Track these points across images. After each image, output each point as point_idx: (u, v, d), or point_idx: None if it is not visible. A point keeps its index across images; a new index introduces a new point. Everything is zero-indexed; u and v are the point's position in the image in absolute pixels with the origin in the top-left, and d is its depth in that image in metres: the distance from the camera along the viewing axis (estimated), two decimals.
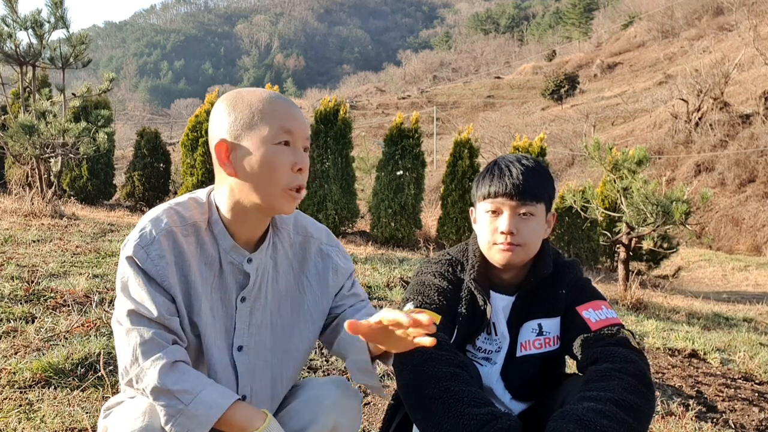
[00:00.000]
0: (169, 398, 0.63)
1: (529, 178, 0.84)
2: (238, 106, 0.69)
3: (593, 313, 0.84)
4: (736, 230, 12.17)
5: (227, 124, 0.69)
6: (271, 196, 0.68)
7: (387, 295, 2.58)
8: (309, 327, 0.77)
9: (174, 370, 0.64)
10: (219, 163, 0.69)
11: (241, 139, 0.68)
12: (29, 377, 1.29)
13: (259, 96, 0.70)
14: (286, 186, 0.68)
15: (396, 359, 0.79)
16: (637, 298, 3.42)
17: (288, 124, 0.68)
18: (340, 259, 0.80)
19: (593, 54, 36.67)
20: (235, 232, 0.72)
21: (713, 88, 15.82)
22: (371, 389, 0.73)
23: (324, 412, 0.71)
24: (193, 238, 0.70)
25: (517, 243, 0.84)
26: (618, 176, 3.74)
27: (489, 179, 0.87)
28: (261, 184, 0.68)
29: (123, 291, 0.67)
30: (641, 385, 0.75)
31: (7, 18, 3.91)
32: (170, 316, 0.67)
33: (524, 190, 0.84)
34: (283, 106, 0.70)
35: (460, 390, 0.72)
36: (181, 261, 0.69)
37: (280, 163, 0.68)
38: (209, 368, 0.70)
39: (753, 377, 1.98)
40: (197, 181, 5.90)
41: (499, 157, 0.90)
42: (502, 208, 0.84)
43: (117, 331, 0.67)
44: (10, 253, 2.49)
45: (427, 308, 0.83)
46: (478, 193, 0.89)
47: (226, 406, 0.64)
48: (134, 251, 0.67)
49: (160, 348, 0.65)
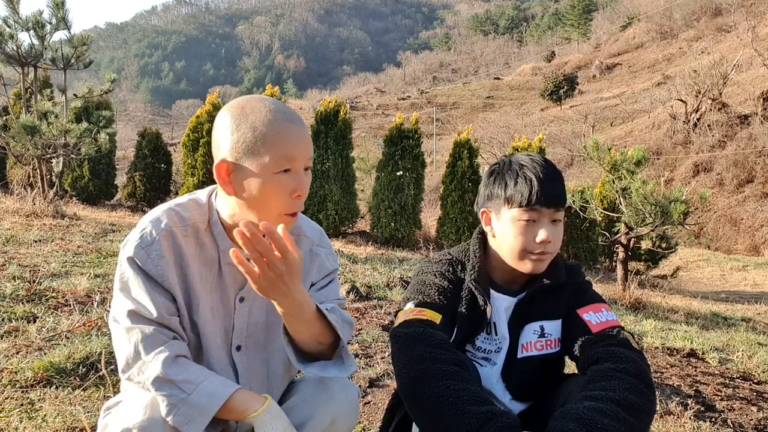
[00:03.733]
0: (171, 388, 0.63)
1: (557, 182, 0.83)
2: (242, 126, 0.67)
3: (594, 316, 0.85)
4: (735, 230, 12.19)
5: (229, 144, 0.67)
6: (266, 219, 0.68)
7: (387, 295, 2.58)
8: None
9: (176, 363, 0.65)
10: (220, 183, 0.69)
11: (243, 162, 0.67)
12: (31, 377, 1.29)
13: (264, 118, 0.67)
14: (282, 211, 0.68)
15: (395, 359, 0.80)
16: (635, 298, 3.43)
17: (291, 152, 0.67)
18: (327, 259, 0.80)
19: (592, 55, 36.73)
20: (234, 235, 0.73)
21: (712, 89, 15.84)
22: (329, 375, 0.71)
23: (322, 407, 0.72)
24: (193, 238, 0.71)
25: (551, 251, 0.83)
26: (617, 176, 3.75)
27: (522, 182, 0.83)
28: (258, 207, 0.68)
29: (123, 290, 0.68)
30: (642, 385, 0.75)
31: (9, 19, 3.92)
32: (170, 315, 0.67)
33: (558, 196, 0.82)
34: (287, 130, 0.68)
35: (460, 388, 0.72)
36: (181, 261, 0.69)
37: (279, 191, 0.67)
38: (209, 367, 0.71)
39: (751, 377, 1.98)
40: (198, 181, 5.90)
41: (514, 160, 0.87)
42: (540, 216, 0.82)
43: (115, 329, 0.68)
44: (11, 253, 2.49)
45: (427, 307, 0.83)
46: (505, 197, 0.84)
47: (228, 395, 0.64)
48: (135, 252, 0.67)
49: (162, 342, 0.65)
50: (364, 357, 1.73)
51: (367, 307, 2.33)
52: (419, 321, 0.81)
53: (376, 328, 2.03)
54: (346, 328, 0.76)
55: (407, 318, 0.83)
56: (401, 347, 0.80)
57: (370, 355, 1.76)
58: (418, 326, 0.81)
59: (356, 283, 2.67)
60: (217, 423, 0.66)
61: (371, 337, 1.91)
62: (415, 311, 0.83)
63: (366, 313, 2.24)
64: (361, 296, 2.49)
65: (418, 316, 0.82)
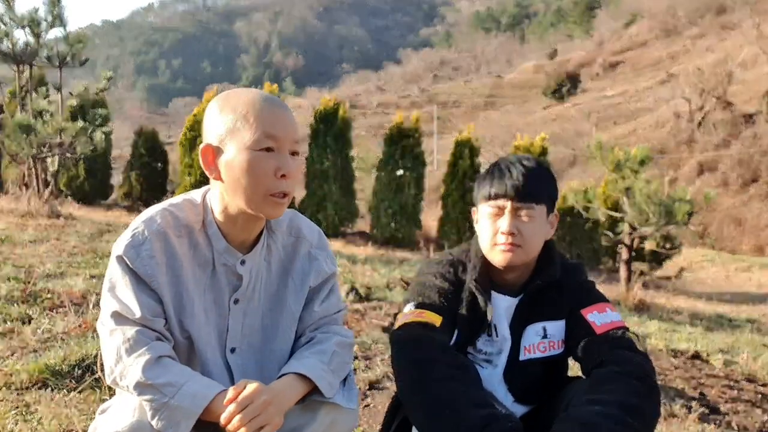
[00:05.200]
0: (153, 392, 0.63)
1: (529, 178, 0.84)
2: (225, 109, 0.68)
3: (598, 316, 0.84)
4: (739, 230, 12.14)
5: (213, 128, 0.69)
6: (254, 202, 0.68)
7: (387, 296, 2.58)
8: (290, 327, 0.76)
9: (157, 365, 0.64)
10: (205, 168, 0.69)
11: (225, 144, 0.68)
12: (26, 379, 1.28)
13: (245, 99, 0.68)
14: (268, 191, 0.68)
15: (396, 361, 0.80)
16: (639, 299, 3.41)
17: (272, 130, 0.67)
18: (325, 263, 0.79)
19: (595, 53, 36.52)
20: (228, 233, 0.72)
21: (716, 87, 15.77)
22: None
23: (321, 410, 0.71)
24: (186, 239, 0.70)
25: (518, 243, 0.83)
26: (620, 176, 3.72)
27: (490, 180, 0.87)
28: (244, 189, 0.68)
29: (110, 291, 0.67)
30: (646, 389, 0.74)
31: (4, 16, 3.90)
32: (154, 317, 0.66)
33: (524, 191, 0.83)
34: (269, 110, 0.68)
35: (461, 391, 0.72)
36: (173, 262, 0.68)
37: (262, 170, 0.67)
38: (203, 370, 0.70)
39: (756, 379, 1.96)
40: (195, 180, 5.90)
41: (500, 158, 0.90)
42: (503, 209, 0.84)
43: (101, 332, 0.68)
44: (6, 253, 2.49)
45: (427, 309, 0.83)
46: (479, 195, 0.89)
47: (211, 396, 0.63)
48: (125, 251, 0.67)
49: (143, 345, 0.64)
50: (363, 359, 1.72)
51: (367, 308, 2.32)
52: (419, 323, 0.81)
53: (376, 329, 2.01)
54: (344, 360, 0.74)
55: (407, 320, 0.82)
56: (401, 350, 0.80)
57: (370, 358, 1.75)
58: (418, 329, 0.80)
59: (356, 284, 2.66)
60: (209, 424, 0.64)
61: (371, 339, 1.89)
62: (415, 313, 0.83)
63: (365, 314, 2.23)
64: (361, 297, 2.48)
65: (418, 319, 0.82)
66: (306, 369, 0.69)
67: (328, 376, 0.71)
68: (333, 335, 0.76)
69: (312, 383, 0.69)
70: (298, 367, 0.70)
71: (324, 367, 0.71)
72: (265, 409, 0.62)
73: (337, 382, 0.72)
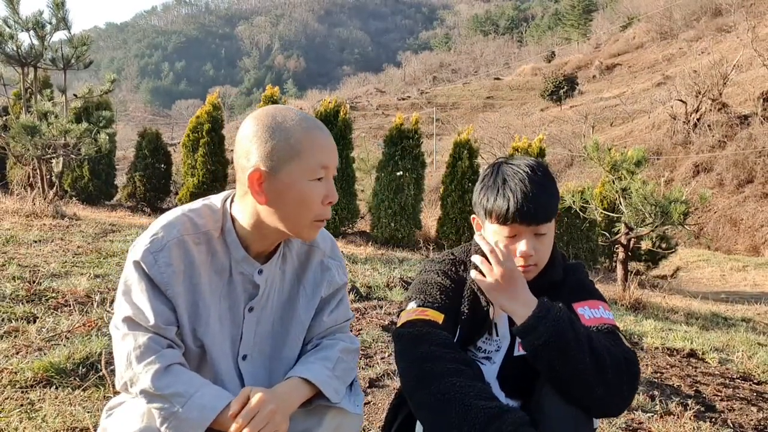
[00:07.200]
0: (162, 402, 0.63)
1: (542, 197, 0.81)
2: (276, 134, 0.67)
3: (588, 311, 0.84)
4: (735, 230, 12.19)
5: (263, 153, 0.67)
6: (298, 227, 0.69)
7: (387, 296, 2.59)
8: (299, 335, 0.77)
9: (167, 374, 0.64)
10: (251, 192, 0.68)
11: (278, 171, 0.67)
12: (31, 377, 1.29)
13: (299, 126, 0.68)
14: (315, 218, 0.69)
15: (399, 358, 0.80)
16: (635, 298, 3.43)
17: (326, 160, 0.68)
18: (337, 273, 0.80)
19: (592, 55, 36.72)
20: (250, 244, 0.71)
21: (712, 89, 15.85)
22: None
23: (327, 415, 0.71)
24: (205, 246, 0.69)
25: (534, 263, 0.83)
26: (617, 177, 3.76)
27: (501, 199, 0.81)
28: (291, 215, 0.68)
29: (125, 295, 0.67)
30: (626, 364, 0.74)
31: (9, 19, 3.91)
32: (167, 325, 0.66)
33: (542, 214, 0.80)
34: (322, 139, 0.69)
35: (467, 385, 0.72)
36: (191, 270, 0.68)
37: (313, 199, 0.68)
38: (215, 377, 0.70)
39: (751, 377, 1.98)
40: (198, 181, 5.90)
41: (502, 165, 0.85)
42: (520, 232, 0.81)
43: (114, 334, 0.67)
44: (11, 253, 2.49)
45: (429, 307, 0.83)
46: (485, 210, 0.84)
47: (220, 408, 0.63)
48: (142, 256, 0.66)
49: (154, 352, 0.64)
50: (364, 357, 1.73)
51: (367, 307, 2.33)
52: (422, 321, 0.81)
53: (376, 328, 2.03)
54: (349, 366, 0.75)
55: (410, 318, 0.82)
56: (405, 346, 0.79)
57: (370, 356, 1.76)
58: (421, 326, 0.80)
59: (356, 283, 2.67)
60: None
61: (371, 338, 1.91)
62: (418, 311, 0.82)
63: (366, 313, 2.24)
64: (361, 296, 2.50)
65: (421, 317, 0.81)
66: (311, 375, 0.70)
67: (333, 382, 0.71)
68: (338, 341, 0.76)
69: (316, 387, 0.69)
70: (303, 372, 0.70)
71: (329, 374, 0.71)
72: (272, 418, 0.63)
73: (343, 388, 0.73)
